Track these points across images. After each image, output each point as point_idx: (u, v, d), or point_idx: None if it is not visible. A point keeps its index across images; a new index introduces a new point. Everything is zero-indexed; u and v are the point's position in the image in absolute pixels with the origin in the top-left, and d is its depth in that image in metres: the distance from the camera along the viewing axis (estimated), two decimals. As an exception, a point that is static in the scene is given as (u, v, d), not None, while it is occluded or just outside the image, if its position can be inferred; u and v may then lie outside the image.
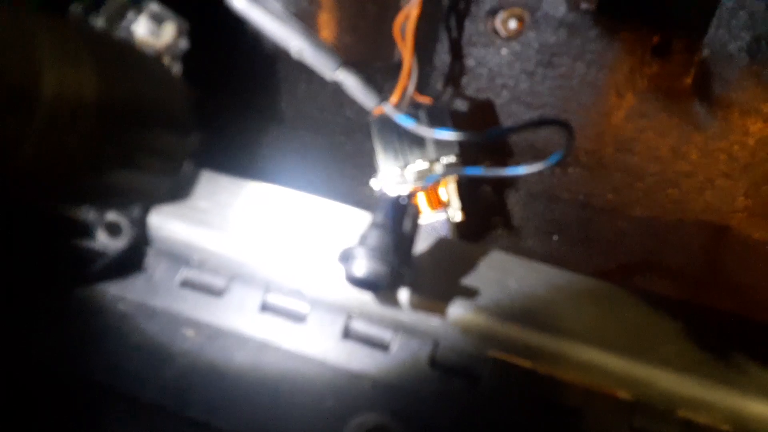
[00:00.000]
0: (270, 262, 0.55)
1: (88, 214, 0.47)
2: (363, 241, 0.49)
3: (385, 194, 0.52)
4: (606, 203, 1.10)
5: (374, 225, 0.49)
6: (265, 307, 0.54)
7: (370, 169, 1.12)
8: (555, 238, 1.12)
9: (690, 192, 1.05)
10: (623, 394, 0.50)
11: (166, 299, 0.53)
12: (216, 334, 0.51)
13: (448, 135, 0.47)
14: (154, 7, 0.49)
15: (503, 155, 1.07)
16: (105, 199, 0.32)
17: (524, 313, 0.52)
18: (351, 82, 0.48)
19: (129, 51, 0.34)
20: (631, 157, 1.04)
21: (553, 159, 0.50)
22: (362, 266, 0.47)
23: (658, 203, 1.07)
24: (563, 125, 0.47)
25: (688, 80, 0.99)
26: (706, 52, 0.96)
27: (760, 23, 0.93)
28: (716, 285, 1.07)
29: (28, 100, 0.25)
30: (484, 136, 0.45)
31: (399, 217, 0.51)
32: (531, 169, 0.53)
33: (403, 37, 0.83)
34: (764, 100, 0.96)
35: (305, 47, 0.46)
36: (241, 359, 0.50)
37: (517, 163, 1.07)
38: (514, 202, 1.11)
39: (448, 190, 0.85)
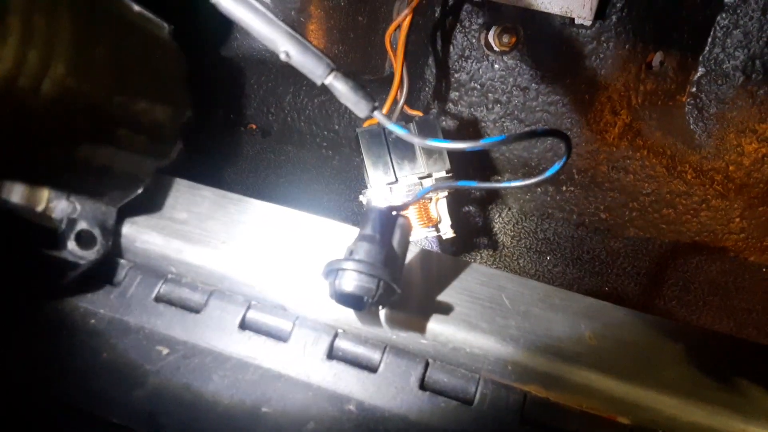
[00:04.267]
0: (251, 277, 0.52)
1: (58, 223, 0.44)
2: (350, 254, 0.46)
3: (374, 205, 0.49)
4: (600, 223, 1.08)
5: (362, 237, 0.47)
6: (245, 325, 0.51)
7: (357, 185, 1.10)
8: (548, 258, 1.10)
9: (685, 212, 1.03)
10: (623, 419, 0.47)
11: (141, 315, 0.49)
12: (192, 352, 0.48)
13: (443, 144, 0.45)
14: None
15: (495, 172, 1.05)
16: (79, 179, 0.28)
17: (519, 333, 0.49)
18: (342, 88, 0.46)
19: (115, 3, 0.30)
20: (626, 176, 1.02)
21: (550, 172, 0.48)
22: (350, 281, 0.44)
23: (652, 223, 1.05)
24: (561, 136, 0.45)
25: (684, 99, 0.98)
26: (701, 70, 0.95)
27: (754, 43, 0.92)
28: (712, 307, 1.05)
29: None
30: (480, 145, 0.43)
31: (389, 230, 0.48)
32: (528, 182, 0.50)
33: (394, 48, 0.82)
34: (759, 120, 0.95)
35: (294, 50, 0.44)
36: (219, 379, 0.47)
37: (511, 179, 1.05)
38: (506, 220, 1.09)
39: (439, 207, 0.83)
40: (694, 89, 0.99)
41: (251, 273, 0.52)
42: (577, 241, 1.10)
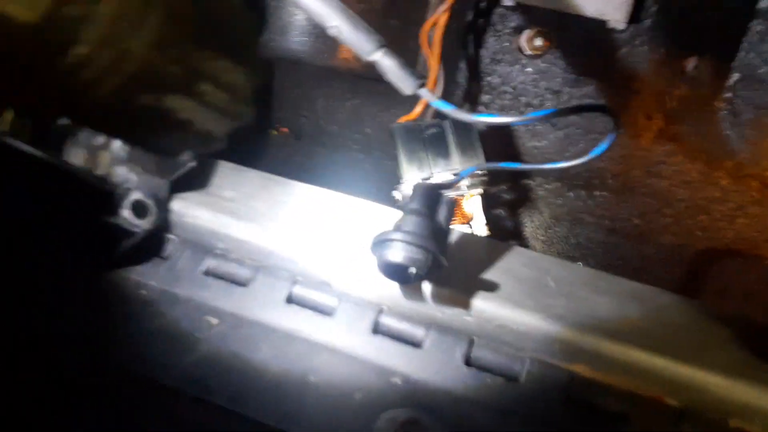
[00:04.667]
0: (297, 254, 0.53)
1: (116, 188, 0.46)
2: (399, 227, 0.47)
3: (420, 183, 0.50)
4: (633, 229, 1.07)
5: (410, 211, 0.47)
6: (291, 299, 0.51)
7: (389, 187, 1.11)
8: (580, 264, 1.09)
9: (720, 219, 1.02)
10: (671, 400, 0.47)
11: (190, 287, 0.50)
12: (240, 323, 0.49)
13: (488, 119, 0.46)
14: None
15: (528, 178, 1.05)
16: (165, 130, 0.29)
17: (565, 313, 0.49)
18: (390, 64, 0.47)
19: None
20: (660, 182, 1.02)
21: (595, 152, 0.48)
22: (398, 251, 0.44)
23: (687, 230, 1.04)
24: (608, 111, 0.45)
25: (719, 104, 0.97)
26: (736, 75, 0.95)
27: (789, 48, 0.92)
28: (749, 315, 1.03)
29: None
30: (527, 119, 0.44)
31: (435, 206, 0.49)
32: (572, 163, 0.51)
33: (430, 44, 0.83)
34: (796, 125, 0.94)
35: (344, 25, 0.45)
36: (266, 349, 0.47)
37: (541, 185, 1.05)
38: (537, 225, 1.09)
39: (473, 204, 0.83)
40: (729, 94, 0.98)
41: (297, 250, 0.53)
42: (609, 247, 1.09)
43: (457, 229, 0.82)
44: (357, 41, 0.46)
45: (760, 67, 0.94)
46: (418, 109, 0.83)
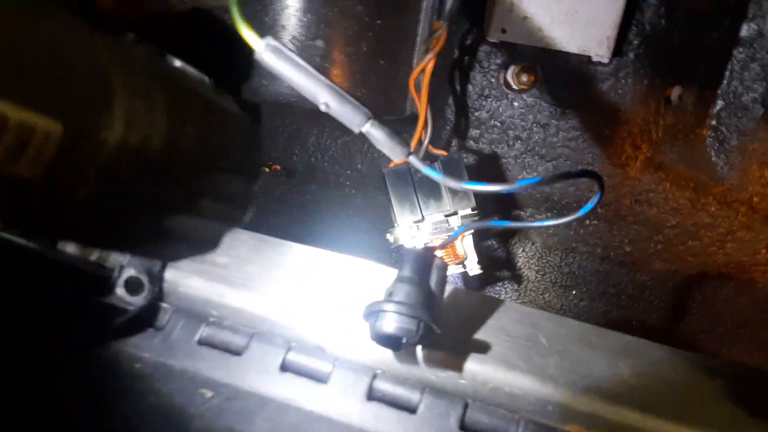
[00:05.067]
0: (291, 319, 0.53)
1: (110, 271, 0.46)
2: (389, 295, 0.47)
3: (411, 248, 0.50)
4: (625, 256, 1.08)
5: (401, 279, 0.48)
6: (285, 367, 0.51)
7: (382, 222, 1.11)
8: (573, 292, 1.10)
9: (711, 245, 1.03)
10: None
11: (184, 359, 0.50)
12: (235, 395, 0.49)
13: (478, 187, 0.46)
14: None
15: (518, 207, 1.06)
16: (161, 245, 0.30)
17: (557, 373, 0.50)
18: (379, 135, 0.48)
19: (199, 88, 0.32)
20: (649, 209, 1.03)
21: (583, 211, 0.49)
22: (391, 322, 0.45)
23: (678, 256, 1.05)
24: (594, 176, 0.46)
25: (704, 132, 0.98)
26: (720, 103, 0.96)
27: (772, 75, 0.93)
28: (743, 339, 1.04)
29: (93, 139, 0.23)
30: (515, 188, 0.44)
31: (426, 271, 0.49)
32: (561, 221, 0.51)
33: (418, 91, 0.84)
34: (781, 150, 0.95)
35: (333, 102, 0.46)
36: (261, 422, 0.47)
37: (532, 215, 1.06)
38: (530, 254, 1.10)
39: (465, 244, 0.84)
40: (714, 122, 0.99)
41: (290, 315, 0.53)
42: (602, 274, 1.10)
43: (449, 273, 0.83)
44: (346, 116, 0.47)
45: (744, 95, 0.96)
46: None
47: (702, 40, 0.94)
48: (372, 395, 0.50)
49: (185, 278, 0.53)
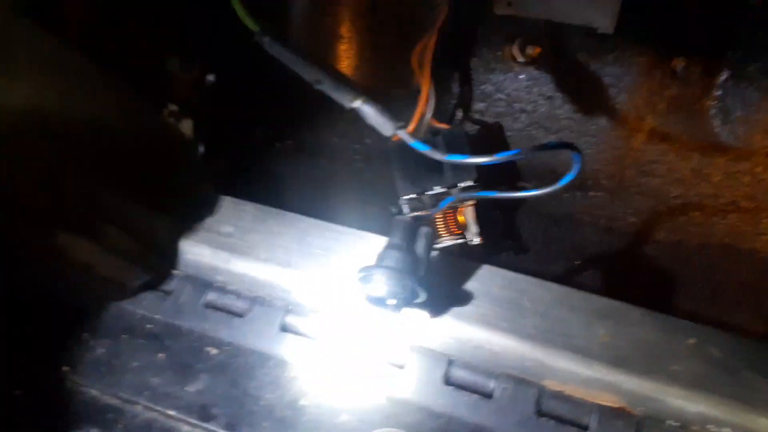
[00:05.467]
0: (289, 284, 0.57)
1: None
2: (380, 260, 0.51)
3: (399, 217, 0.54)
4: (628, 227, 1.09)
5: (390, 245, 0.51)
6: (285, 328, 0.56)
7: (389, 195, 1.14)
8: (577, 263, 1.12)
9: (714, 215, 1.04)
10: (633, 410, 0.50)
11: (192, 320, 0.55)
12: (238, 352, 0.54)
13: (462, 160, 0.49)
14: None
15: (522, 179, 1.08)
16: (61, 270, 0.31)
17: (536, 332, 0.53)
18: (368, 111, 0.51)
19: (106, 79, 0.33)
20: (653, 180, 1.04)
21: (562, 182, 0.52)
22: (380, 285, 0.49)
23: (681, 226, 1.06)
24: (572, 148, 0.49)
25: (709, 102, 0.99)
26: (725, 74, 0.96)
27: (778, 44, 0.93)
28: (745, 308, 1.05)
29: None
30: (496, 159, 0.47)
31: (413, 238, 0.53)
32: (543, 191, 0.54)
33: (420, 67, 0.86)
34: (786, 120, 0.96)
35: (326, 81, 0.50)
36: (262, 376, 0.52)
37: (537, 186, 1.08)
38: (533, 226, 1.12)
39: (466, 214, 0.86)
40: (718, 93, 0.99)
41: (289, 281, 0.57)
42: (606, 245, 1.11)
43: (449, 243, 0.86)
44: (338, 94, 0.51)
45: (749, 65, 0.96)
46: (411, 127, 0.87)
47: (707, 10, 0.94)
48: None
49: (192, 246, 0.57)
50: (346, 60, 0.96)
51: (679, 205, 1.05)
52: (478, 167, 0.82)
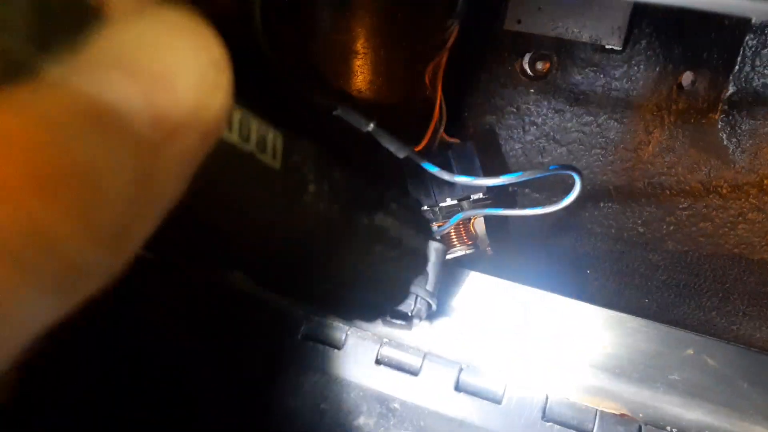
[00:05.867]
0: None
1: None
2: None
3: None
4: (638, 237, 1.12)
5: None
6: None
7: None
8: (587, 272, 1.14)
9: (722, 226, 1.06)
10: (634, 416, 0.53)
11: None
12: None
13: (464, 180, 0.53)
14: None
15: (534, 190, 1.11)
16: None
17: (541, 342, 0.56)
18: (381, 134, 0.55)
19: None
20: (662, 192, 1.07)
21: (563, 202, 0.55)
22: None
23: (690, 237, 1.09)
24: (574, 170, 0.52)
25: (716, 116, 1.01)
26: (732, 88, 0.99)
27: (783, 61, 0.96)
28: (752, 317, 1.07)
29: None
30: (500, 181, 0.51)
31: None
32: (546, 210, 0.57)
33: (432, 84, 0.90)
34: (791, 134, 0.98)
35: (342, 109, 0.54)
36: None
37: (548, 198, 1.11)
38: (545, 236, 1.15)
39: (477, 226, 0.90)
40: (726, 107, 1.02)
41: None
42: (616, 255, 1.14)
43: (461, 253, 0.89)
44: (354, 119, 0.55)
45: (755, 80, 0.98)
46: (424, 142, 0.91)
47: (714, 27, 0.97)
48: (379, 361, 0.58)
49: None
50: (360, 75, 1.00)
51: (687, 217, 1.07)
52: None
